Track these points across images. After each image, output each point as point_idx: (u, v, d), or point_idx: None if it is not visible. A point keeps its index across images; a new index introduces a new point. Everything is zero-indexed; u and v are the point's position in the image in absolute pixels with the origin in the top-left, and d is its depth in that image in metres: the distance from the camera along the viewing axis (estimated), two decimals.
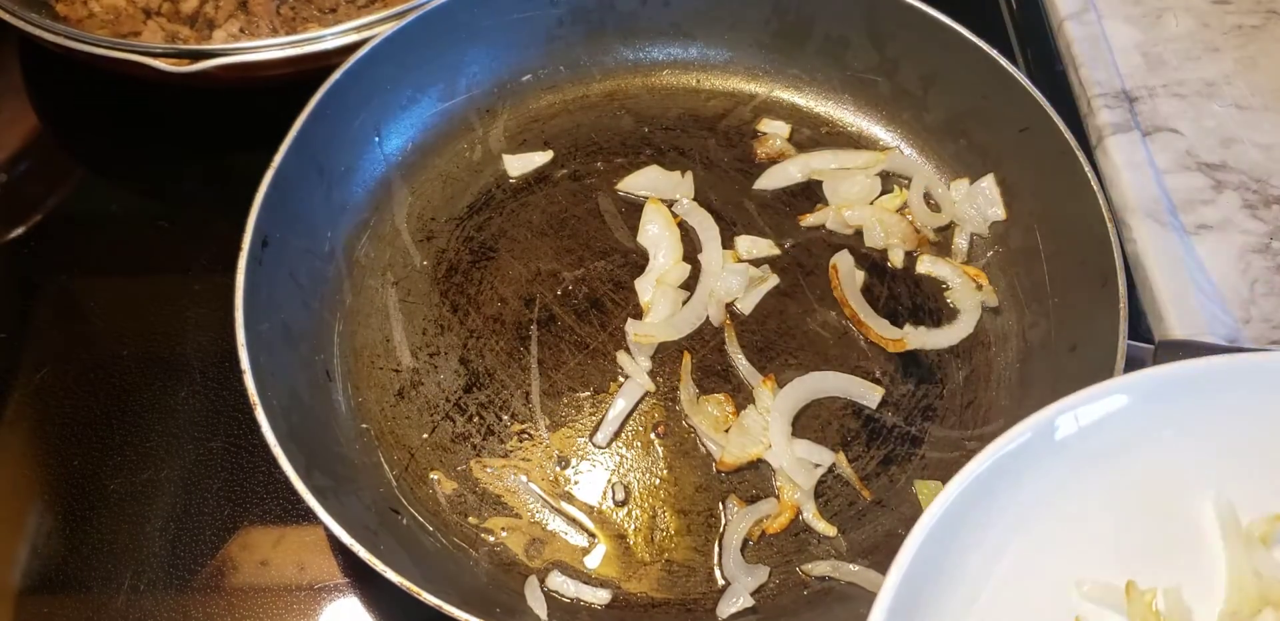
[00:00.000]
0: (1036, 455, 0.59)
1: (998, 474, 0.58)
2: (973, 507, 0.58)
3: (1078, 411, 0.60)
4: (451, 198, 0.89)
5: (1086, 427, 0.60)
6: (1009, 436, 0.59)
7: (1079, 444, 0.60)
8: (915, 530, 0.56)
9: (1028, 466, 0.59)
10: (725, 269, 0.84)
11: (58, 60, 0.91)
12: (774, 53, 0.94)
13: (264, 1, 0.94)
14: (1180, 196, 0.86)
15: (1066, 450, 0.60)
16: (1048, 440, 0.59)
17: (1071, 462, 0.60)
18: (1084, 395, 0.60)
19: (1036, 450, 0.59)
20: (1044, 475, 0.60)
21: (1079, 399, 0.60)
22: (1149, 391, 0.60)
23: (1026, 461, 0.59)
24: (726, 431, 0.77)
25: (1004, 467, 0.58)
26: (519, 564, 0.73)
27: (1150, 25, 0.96)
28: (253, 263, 0.74)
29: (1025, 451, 0.59)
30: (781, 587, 0.73)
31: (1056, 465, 0.60)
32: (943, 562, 0.57)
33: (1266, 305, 0.80)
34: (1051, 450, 0.59)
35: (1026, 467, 0.59)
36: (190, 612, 0.75)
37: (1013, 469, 0.59)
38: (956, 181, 0.89)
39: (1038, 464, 0.59)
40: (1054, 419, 0.59)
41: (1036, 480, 0.59)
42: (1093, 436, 0.60)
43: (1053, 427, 0.59)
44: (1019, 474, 0.59)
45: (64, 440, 0.81)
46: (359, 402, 0.79)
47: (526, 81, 0.93)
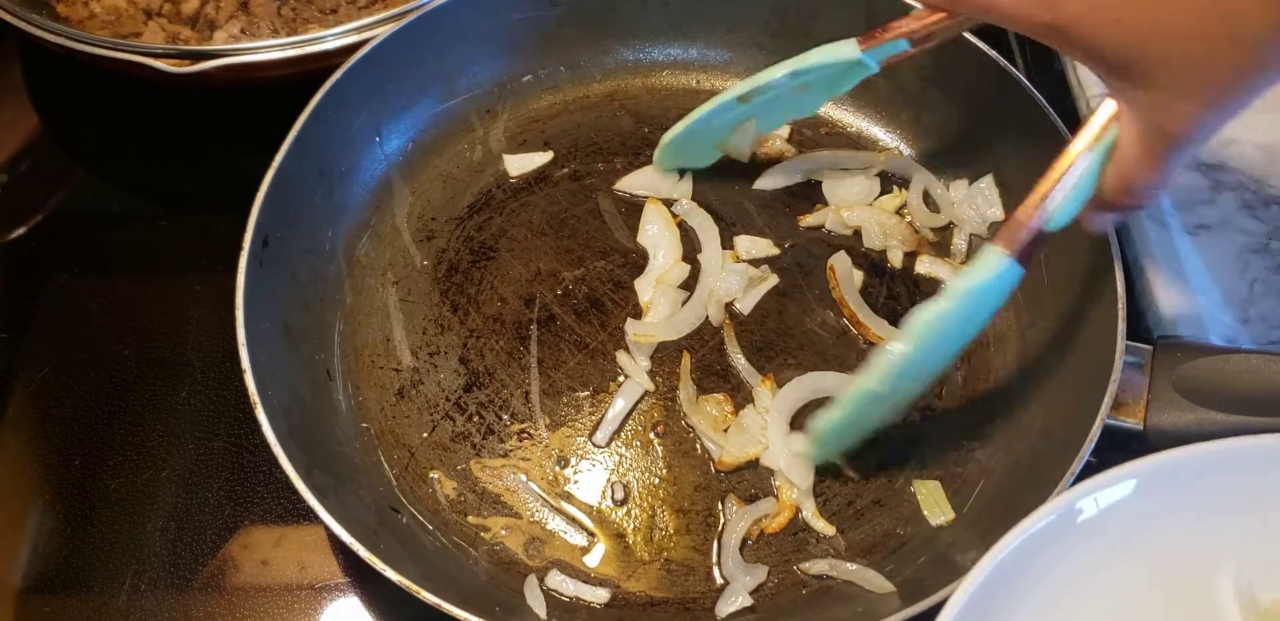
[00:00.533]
0: (1060, 538, 0.60)
1: (1022, 557, 0.59)
2: (998, 590, 0.58)
3: (1098, 495, 0.60)
4: (452, 197, 0.89)
5: (1107, 510, 0.60)
6: (1033, 519, 0.59)
7: (1101, 526, 0.60)
8: (944, 613, 0.56)
9: (1051, 549, 0.60)
10: (725, 269, 0.84)
11: (58, 61, 0.91)
12: (774, 53, 0.94)
13: (265, 2, 0.94)
14: (1179, 196, 0.86)
15: (1089, 532, 0.60)
16: (1071, 522, 0.60)
17: (1094, 544, 0.61)
18: (1104, 478, 0.60)
19: (1060, 532, 0.60)
20: (1068, 557, 0.60)
21: (1099, 483, 0.60)
22: (1163, 474, 0.61)
23: (1050, 544, 0.59)
24: (725, 431, 0.78)
25: (1028, 551, 0.59)
26: (518, 563, 0.73)
27: None
28: (253, 262, 0.74)
29: (1049, 534, 0.59)
30: (780, 587, 0.73)
31: (1080, 547, 0.60)
32: None
33: (1265, 305, 0.80)
34: (1075, 532, 0.60)
35: (1050, 550, 0.60)
36: (191, 612, 0.75)
37: (1036, 552, 0.59)
38: (955, 182, 0.89)
39: (1061, 546, 0.60)
40: (1076, 502, 0.60)
41: (1061, 562, 0.60)
42: (1113, 518, 0.61)
43: (1075, 510, 0.60)
44: (1043, 557, 0.59)
45: (64, 440, 0.82)
46: (359, 402, 0.79)
47: (527, 82, 0.93)
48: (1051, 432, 0.74)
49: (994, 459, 0.77)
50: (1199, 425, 0.69)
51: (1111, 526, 0.61)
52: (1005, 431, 0.78)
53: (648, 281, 0.84)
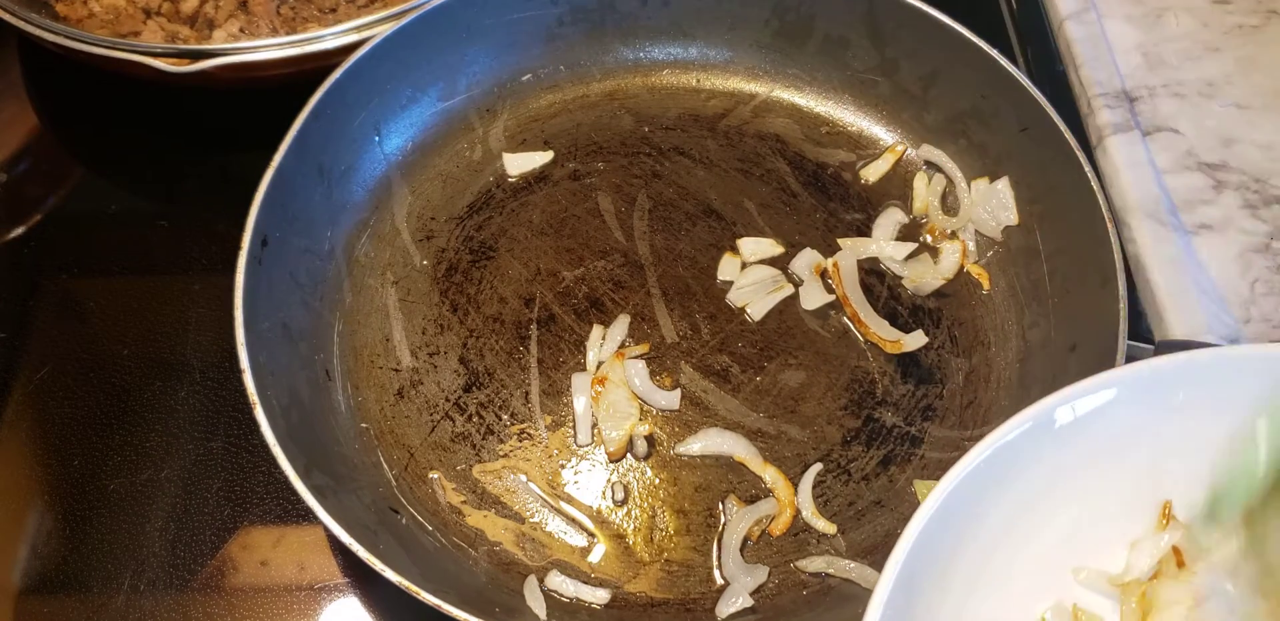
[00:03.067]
0: (1035, 446, 0.60)
1: (996, 464, 0.59)
2: (970, 498, 0.58)
3: (1074, 403, 0.60)
4: (451, 197, 0.89)
5: (1083, 418, 0.60)
6: (1008, 426, 0.59)
7: (1076, 434, 0.60)
8: (914, 520, 0.56)
9: (1026, 457, 0.60)
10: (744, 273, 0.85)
11: (58, 60, 0.91)
12: (774, 53, 0.94)
13: (264, 1, 0.94)
14: (1180, 196, 0.86)
15: (1064, 440, 0.60)
16: (1046, 430, 0.60)
17: (1069, 453, 0.61)
18: (1080, 387, 0.60)
19: (1035, 441, 0.60)
20: (1041, 465, 0.60)
21: (1076, 391, 0.60)
22: (1141, 383, 0.61)
23: (1025, 452, 0.59)
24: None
25: (1002, 458, 0.59)
26: (518, 563, 0.73)
27: (1150, 25, 0.96)
28: (252, 262, 0.74)
29: (1024, 442, 0.59)
30: (780, 587, 0.73)
31: (1054, 455, 0.60)
32: (940, 553, 0.57)
33: (1267, 305, 0.80)
34: (1050, 440, 0.60)
35: (1024, 458, 0.60)
36: (190, 612, 0.75)
37: (1011, 459, 0.59)
38: (976, 181, 0.88)
39: (1036, 454, 0.60)
40: (1053, 410, 0.60)
41: (1034, 470, 0.60)
42: (1089, 427, 0.61)
43: (1051, 419, 0.60)
44: (1017, 464, 0.60)
45: (64, 440, 0.81)
46: (358, 402, 0.79)
47: (526, 81, 0.93)
48: None
49: None
50: None
51: (1087, 435, 0.61)
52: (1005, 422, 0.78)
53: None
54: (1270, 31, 0.95)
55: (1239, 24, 0.96)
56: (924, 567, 0.56)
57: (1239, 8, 0.97)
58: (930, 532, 0.56)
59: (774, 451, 0.78)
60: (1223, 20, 0.96)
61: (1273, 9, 0.96)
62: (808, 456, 0.78)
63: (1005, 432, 0.59)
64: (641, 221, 0.88)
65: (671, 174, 0.90)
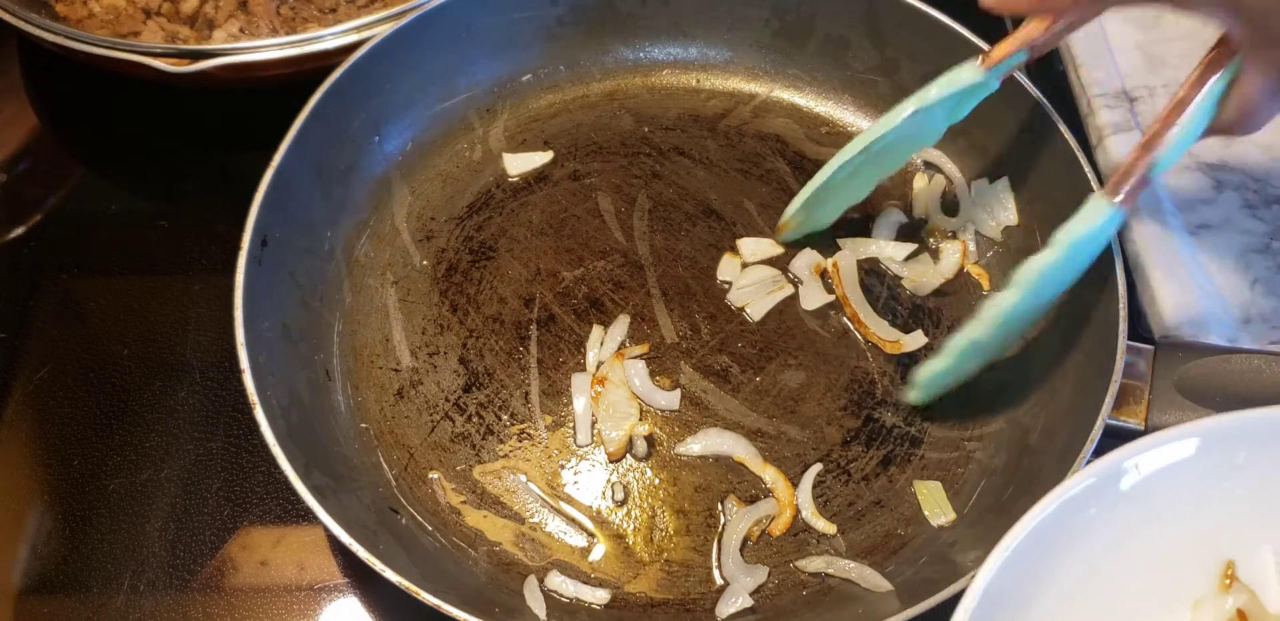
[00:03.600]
0: (1101, 501, 0.59)
1: (1062, 519, 0.58)
2: (1036, 552, 0.57)
3: (1139, 458, 0.59)
4: (451, 197, 0.89)
5: (1150, 475, 0.60)
6: (1075, 480, 0.58)
7: (1142, 491, 0.60)
8: (979, 573, 0.56)
9: (1092, 512, 0.59)
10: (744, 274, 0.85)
11: (57, 60, 0.91)
12: (774, 53, 0.94)
13: (264, 1, 0.94)
14: (1180, 196, 0.86)
15: (1130, 497, 0.60)
16: (1114, 485, 0.59)
17: (1136, 509, 0.60)
18: (1149, 441, 0.60)
19: (1101, 496, 0.59)
20: (1109, 522, 0.59)
21: (1145, 444, 0.60)
22: (1215, 439, 0.60)
23: (1091, 507, 0.59)
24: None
25: (1069, 513, 0.58)
26: (518, 563, 0.73)
27: (1150, 25, 0.96)
28: (252, 262, 0.74)
29: (1090, 497, 0.59)
30: (780, 587, 0.73)
31: (1121, 512, 0.60)
32: (1006, 608, 0.56)
33: (1267, 305, 0.80)
34: (1116, 496, 0.59)
35: (1091, 513, 0.59)
36: (190, 612, 0.75)
37: (1078, 514, 0.58)
38: (976, 181, 0.88)
39: (1102, 510, 0.59)
40: (1120, 464, 0.59)
41: (1102, 526, 0.59)
42: (1156, 483, 0.60)
43: (1120, 473, 0.59)
44: (1084, 520, 0.59)
45: (63, 440, 0.81)
46: (358, 402, 0.79)
47: (526, 81, 0.93)
48: (1053, 433, 0.74)
49: (995, 459, 0.77)
50: None
51: (1158, 489, 0.60)
52: (1006, 431, 0.78)
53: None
54: None
55: None
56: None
57: None
58: (994, 590, 0.55)
59: (774, 451, 0.78)
60: None
61: None
62: (808, 456, 0.78)
63: (1069, 487, 0.58)
64: (641, 221, 0.88)
65: (671, 174, 0.90)
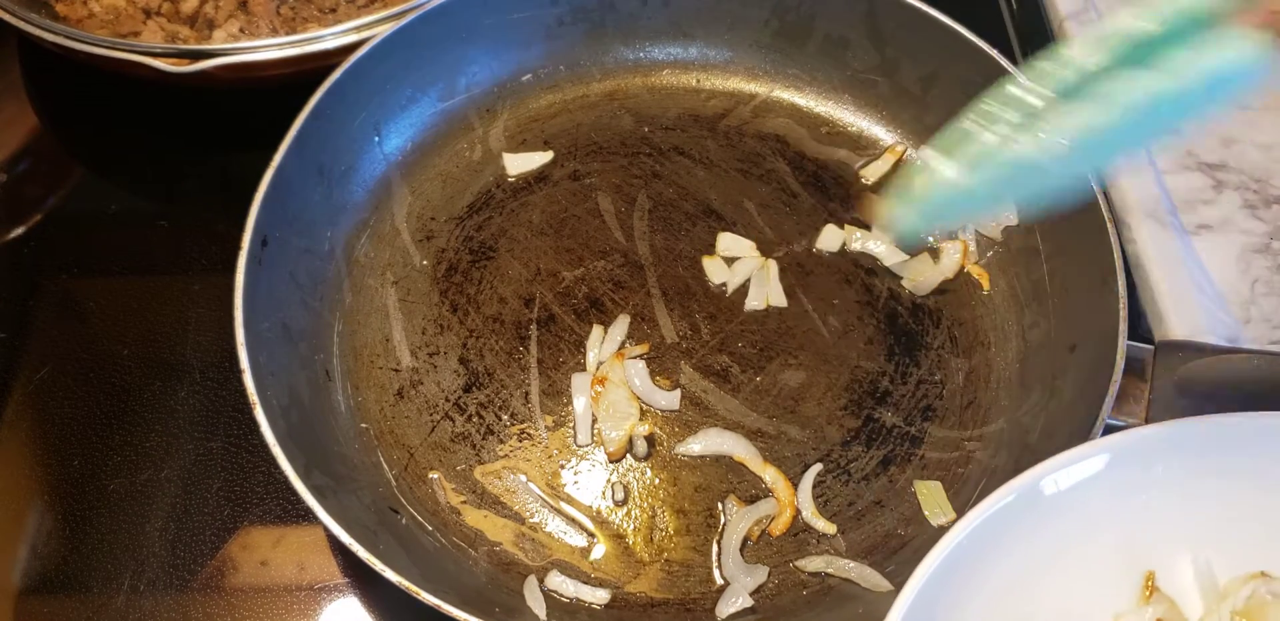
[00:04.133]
0: (1021, 518, 0.60)
1: (983, 537, 0.59)
2: (958, 570, 0.58)
3: (1058, 475, 0.60)
4: (451, 197, 0.89)
5: (1067, 490, 0.61)
6: (994, 499, 0.59)
7: (1062, 506, 0.61)
8: (900, 598, 0.56)
9: (1013, 530, 0.60)
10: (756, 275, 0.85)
11: (57, 60, 0.91)
12: (774, 53, 0.94)
13: (264, 1, 0.94)
14: (1180, 196, 0.86)
15: (1051, 512, 0.60)
16: (1034, 502, 0.60)
17: (1055, 525, 0.61)
18: (1064, 458, 0.61)
19: (1021, 513, 0.60)
20: (1030, 538, 0.60)
21: (1060, 462, 0.60)
22: (1126, 454, 0.61)
23: (1011, 525, 0.59)
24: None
25: (989, 530, 0.59)
26: (518, 563, 0.73)
27: None
28: (252, 262, 0.74)
29: (1010, 514, 0.59)
30: (780, 587, 0.73)
31: (1041, 528, 0.60)
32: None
33: (1267, 305, 0.80)
34: (1036, 513, 0.60)
35: (1011, 531, 0.60)
36: (190, 612, 0.75)
37: (998, 532, 0.59)
38: None
39: (1023, 527, 0.60)
40: (1038, 482, 0.60)
41: (1022, 543, 0.60)
42: (1075, 498, 0.61)
43: (1038, 490, 0.60)
44: (1004, 537, 0.59)
45: (63, 440, 0.81)
46: (358, 402, 0.79)
47: (526, 81, 0.93)
48: (1053, 433, 0.74)
49: (995, 459, 0.77)
50: None
51: (1077, 504, 0.61)
52: (1006, 431, 0.78)
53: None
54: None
55: None
56: None
57: None
58: (915, 610, 0.56)
59: (774, 451, 0.78)
60: None
61: (1273, 10, 0.96)
62: (808, 456, 0.78)
63: (989, 506, 0.59)
64: (641, 221, 0.88)
65: (671, 174, 0.90)
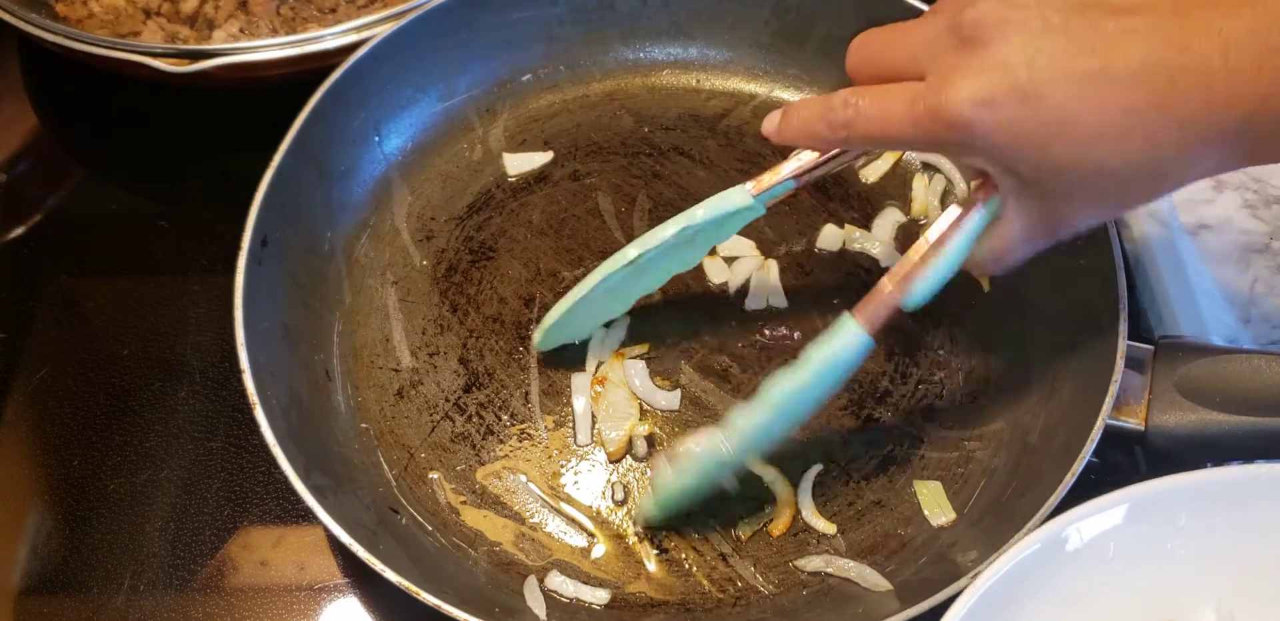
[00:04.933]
0: (1043, 567, 0.59)
1: (1008, 586, 0.58)
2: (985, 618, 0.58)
3: (1081, 524, 0.60)
4: (451, 197, 0.89)
5: (1090, 540, 0.60)
6: (1020, 547, 0.59)
7: (1084, 555, 0.60)
8: None
9: (1037, 578, 0.59)
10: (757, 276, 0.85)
11: (57, 60, 0.91)
12: (774, 53, 0.94)
13: (264, 2, 0.94)
14: (1180, 196, 0.86)
15: (1073, 562, 0.60)
16: (1058, 552, 0.60)
17: (1079, 574, 0.60)
18: (1088, 508, 0.60)
19: (1046, 562, 0.59)
20: (1053, 587, 0.60)
21: (1082, 512, 0.60)
22: (1147, 504, 0.61)
23: (1036, 573, 0.59)
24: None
25: (1014, 580, 0.58)
26: (518, 563, 0.73)
27: None
28: (252, 262, 0.74)
29: (1033, 563, 0.59)
30: (780, 587, 0.73)
31: (1065, 577, 0.60)
32: None
33: (1267, 305, 0.80)
34: (1060, 562, 0.60)
35: (1036, 579, 0.59)
36: (190, 612, 0.75)
37: (1023, 580, 0.59)
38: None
39: (1047, 575, 0.59)
40: (1062, 531, 0.60)
41: (1046, 591, 0.60)
42: (1098, 549, 0.60)
43: (1062, 540, 0.60)
44: (1028, 585, 0.59)
45: (63, 440, 0.81)
46: (358, 402, 0.79)
47: (526, 81, 0.93)
48: (1052, 433, 0.74)
49: (995, 459, 0.77)
50: (1201, 425, 0.69)
51: (1099, 553, 0.61)
52: (1006, 431, 0.78)
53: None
54: None
55: None
56: None
57: None
58: None
59: (774, 451, 0.78)
60: None
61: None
62: (808, 456, 0.78)
63: (1014, 555, 0.58)
64: (641, 222, 0.88)
65: (671, 174, 0.90)
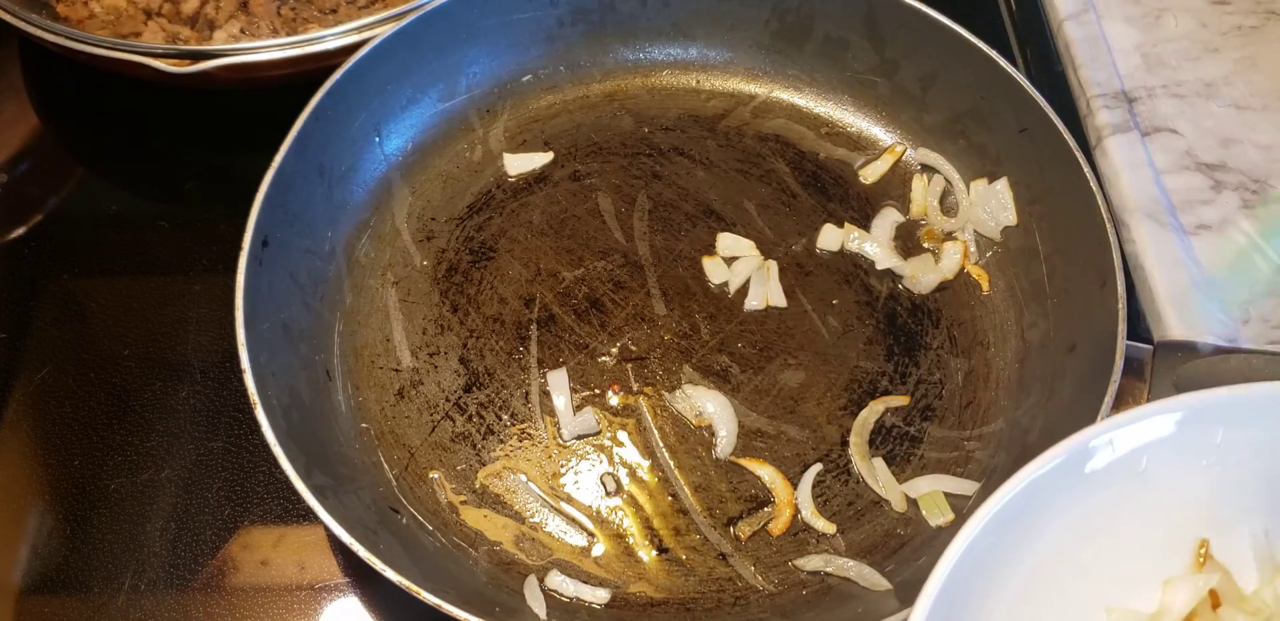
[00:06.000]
0: (1071, 479, 0.58)
1: (1030, 498, 0.57)
2: (1004, 532, 0.56)
3: (1114, 435, 0.58)
4: (452, 198, 0.89)
5: (1123, 453, 0.58)
6: (1043, 459, 0.57)
7: (1115, 469, 0.58)
8: (945, 555, 0.55)
9: (1062, 491, 0.58)
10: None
11: (58, 61, 0.91)
12: (774, 53, 0.94)
13: (265, 2, 0.94)
14: (1179, 197, 0.86)
15: (1102, 475, 0.58)
16: (1082, 465, 0.58)
17: (1107, 488, 0.59)
18: (1120, 418, 0.58)
19: (1071, 474, 0.58)
20: (1079, 500, 0.58)
21: (1115, 422, 0.58)
22: (1200, 415, 0.59)
23: (1061, 486, 0.57)
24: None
25: (1037, 492, 0.57)
26: (518, 563, 0.73)
27: (1149, 26, 0.96)
28: (253, 263, 0.74)
29: (1059, 475, 0.57)
30: (780, 587, 0.73)
31: (1093, 490, 0.58)
32: (971, 594, 0.55)
33: (1265, 305, 0.80)
34: (1086, 475, 0.58)
35: (1061, 492, 0.58)
36: (191, 612, 0.75)
37: (1046, 493, 0.57)
38: (975, 182, 0.88)
39: (1073, 488, 0.58)
40: (1089, 442, 0.58)
41: (1071, 505, 0.58)
42: (1129, 462, 0.59)
43: (1089, 451, 0.58)
44: (1053, 498, 0.58)
45: (64, 440, 0.82)
46: (359, 402, 0.79)
47: (527, 82, 0.93)
48: (1053, 433, 0.74)
49: (994, 459, 0.77)
50: None
51: (1127, 470, 0.59)
52: (1005, 431, 0.78)
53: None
54: (1269, 32, 0.95)
55: (1238, 25, 0.96)
56: (955, 605, 0.54)
57: (1238, 8, 0.97)
58: (962, 567, 0.54)
59: (774, 451, 0.78)
60: (1221, 21, 0.96)
61: (1271, 9, 0.97)
62: (807, 456, 0.78)
63: (1039, 466, 0.57)
64: (641, 222, 0.88)
65: (671, 174, 0.91)
